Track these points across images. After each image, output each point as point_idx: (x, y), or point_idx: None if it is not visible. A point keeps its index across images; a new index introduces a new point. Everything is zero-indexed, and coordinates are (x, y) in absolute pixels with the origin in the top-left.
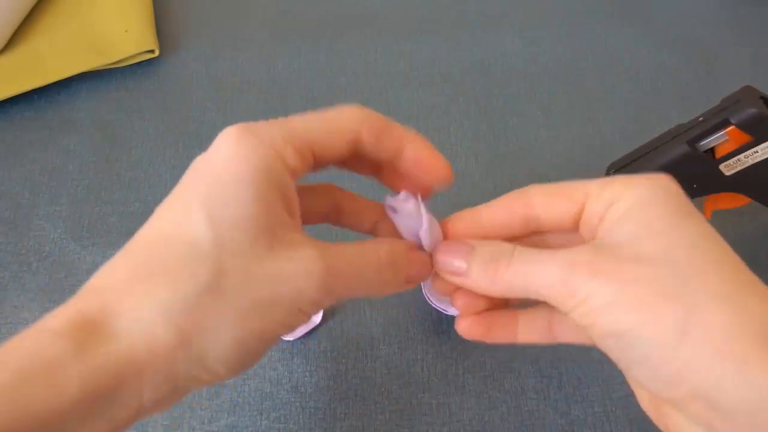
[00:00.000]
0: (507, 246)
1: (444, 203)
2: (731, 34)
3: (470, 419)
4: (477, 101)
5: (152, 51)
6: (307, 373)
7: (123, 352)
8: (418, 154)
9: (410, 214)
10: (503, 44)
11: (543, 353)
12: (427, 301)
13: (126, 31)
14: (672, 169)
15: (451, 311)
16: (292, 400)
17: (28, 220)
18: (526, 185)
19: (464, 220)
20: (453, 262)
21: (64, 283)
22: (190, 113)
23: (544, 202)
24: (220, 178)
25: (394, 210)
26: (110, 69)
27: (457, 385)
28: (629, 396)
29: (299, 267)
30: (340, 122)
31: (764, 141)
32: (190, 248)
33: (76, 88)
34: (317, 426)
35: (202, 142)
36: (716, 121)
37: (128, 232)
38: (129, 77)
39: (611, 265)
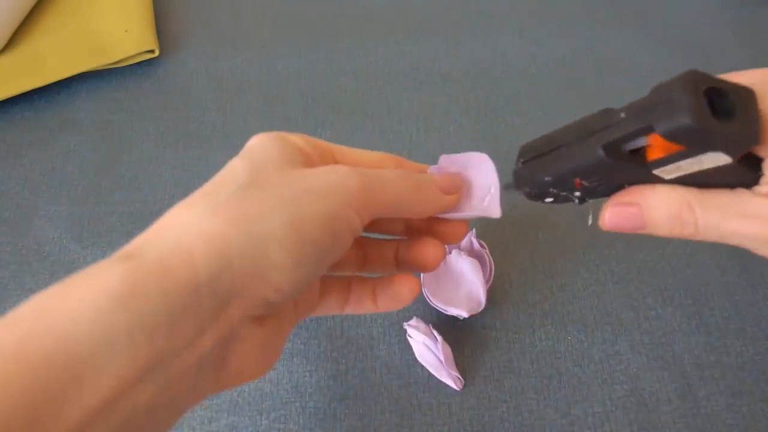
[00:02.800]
0: (685, 207)
1: None
2: (731, 35)
3: (470, 419)
4: (477, 101)
5: (152, 51)
6: (307, 373)
7: (170, 243)
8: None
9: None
10: (503, 44)
11: (543, 353)
12: (427, 301)
13: (126, 31)
14: (588, 173)
15: (451, 311)
16: (292, 400)
17: (28, 220)
18: None
19: None
20: (625, 224)
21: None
22: (190, 113)
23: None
24: (250, 145)
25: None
26: (110, 69)
27: (457, 385)
28: (629, 396)
29: (336, 169)
30: (366, 153)
31: (698, 153)
32: (231, 172)
33: (76, 88)
34: (317, 426)
35: (202, 142)
36: (636, 126)
37: (128, 232)
38: (129, 77)
39: None
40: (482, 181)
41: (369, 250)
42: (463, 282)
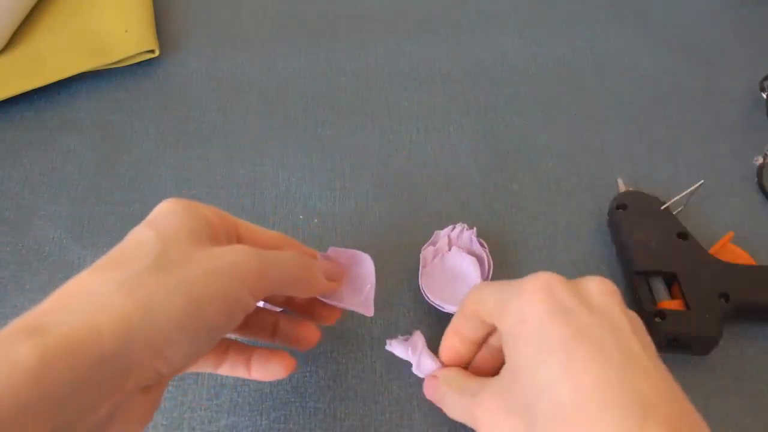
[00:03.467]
0: (451, 389)
1: (444, 203)
2: (731, 35)
3: None
4: (477, 101)
5: (152, 51)
6: (307, 373)
7: (79, 316)
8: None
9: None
10: (503, 44)
11: None
12: (426, 301)
13: (126, 31)
14: None
15: (448, 309)
16: (292, 400)
17: (28, 220)
18: (526, 184)
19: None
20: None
21: (64, 283)
22: (190, 113)
23: (467, 329)
24: (160, 211)
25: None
26: (110, 69)
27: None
28: None
29: (237, 250)
30: (266, 232)
31: None
32: (139, 244)
33: (76, 88)
34: (317, 426)
35: (202, 142)
36: None
37: (128, 232)
38: (129, 77)
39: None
40: (362, 278)
41: (250, 318)
42: (462, 280)
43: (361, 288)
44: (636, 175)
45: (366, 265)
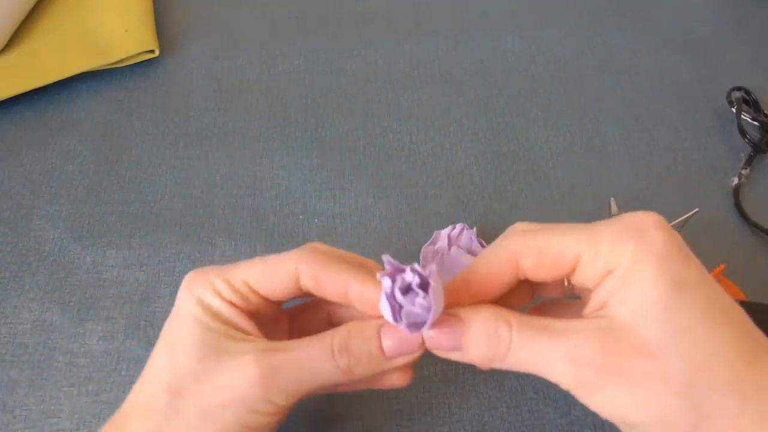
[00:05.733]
0: (502, 323)
1: (445, 203)
2: (731, 34)
3: (470, 419)
4: (477, 101)
5: (152, 51)
6: None
7: None
8: (362, 292)
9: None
10: (503, 44)
11: None
12: None
13: (126, 31)
14: None
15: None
16: None
17: (28, 220)
18: (526, 185)
19: (455, 293)
20: (443, 342)
21: (64, 283)
22: (190, 113)
23: (532, 266)
24: (175, 319)
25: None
26: (110, 69)
27: (457, 385)
28: None
29: (238, 373)
30: (281, 264)
31: None
32: (153, 382)
33: (76, 88)
34: (317, 426)
35: (202, 142)
36: None
37: (128, 233)
38: (129, 77)
39: (619, 363)
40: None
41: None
42: None
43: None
44: (634, 182)
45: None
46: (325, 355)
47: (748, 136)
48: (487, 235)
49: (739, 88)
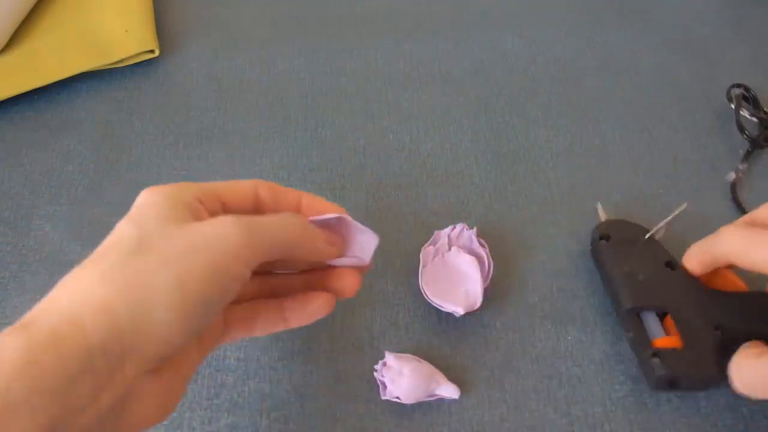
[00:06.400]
0: None
1: (444, 203)
2: (731, 34)
3: (470, 419)
4: (477, 101)
5: (152, 51)
6: (307, 373)
7: (62, 314)
8: (312, 202)
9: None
10: (503, 44)
11: (543, 353)
12: (426, 301)
13: (126, 31)
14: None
15: (447, 308)
16: (292, 400)
17: (28, 220)
18: (526, 185)
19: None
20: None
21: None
22: (190, 113)
23: (739, 260)
24: (138, 203)
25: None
26: (110, 69)
27: (457, 384)
28: (629, 396)
29: (218, 222)
30: (241, 183)
31: None
32: (119, 236)
33: (76, 88)
34: (317, 426)
35: (202, 142)
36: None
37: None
38: (129, 77)
39: None
40: (362, 244)
41: (275, 282)
42: (461, 279)
43: (365, 252)
44: (634, 181)
45: (364, 234)
46: (297, 230)
47: (746, 132)
48: (487, 235)
49: (738, 85)
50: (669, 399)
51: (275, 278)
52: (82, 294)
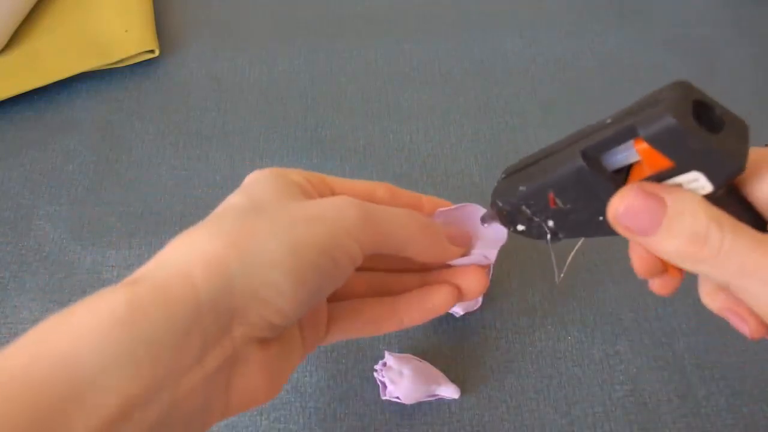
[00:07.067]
0: (713, 224)
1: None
2: (732, 34)
3: (470, 419)
4: (477, 101)
5: (152, 51)
6: (307, 373)
7: (171, 267)
8: (433, 203)
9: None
10: (503, 44)
11: (543, 353)
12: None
13: (126, 31)
14: (564, 187)
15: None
16: (292, 400)
17: (28, 220)
18: None
19: None
20: (642, 216)
21: (64, 283)
22: (190, 113)
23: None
24: (248, 180)
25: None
26: (110, 69)
27: (457, 384)
28: (629, 396)
29: (337, 198)
30: (357, 182)
31: (687, 170)
32: (231, 204)
33: (76, 88)
34: (317, 426)
35: (202, 142)
36: (618, 128)
37: (128, 232)
38: (129, 77)
39: None
40: (491, 237)
41: (387, 280)
42: None
43: (489, 249)
44: None
45: (489, 228)
46: (417, 225)
47: None
48: None
49: None
50: (669, 399)
51: (388, 276)
52: (193, 249)
